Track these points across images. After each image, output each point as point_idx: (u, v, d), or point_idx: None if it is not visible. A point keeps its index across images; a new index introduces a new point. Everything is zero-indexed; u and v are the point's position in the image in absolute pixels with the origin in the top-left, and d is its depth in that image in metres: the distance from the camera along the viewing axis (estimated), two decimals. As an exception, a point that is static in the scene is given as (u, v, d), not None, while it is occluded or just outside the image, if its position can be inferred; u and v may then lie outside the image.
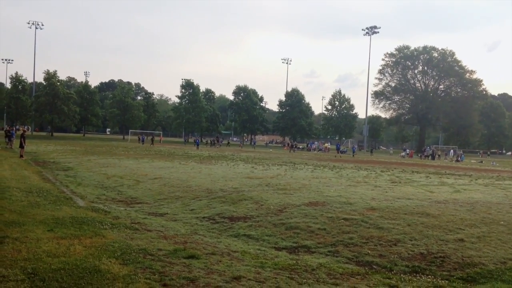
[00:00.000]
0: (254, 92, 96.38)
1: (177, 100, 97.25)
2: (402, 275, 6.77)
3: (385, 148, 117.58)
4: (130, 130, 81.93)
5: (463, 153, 62.03)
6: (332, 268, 6.80)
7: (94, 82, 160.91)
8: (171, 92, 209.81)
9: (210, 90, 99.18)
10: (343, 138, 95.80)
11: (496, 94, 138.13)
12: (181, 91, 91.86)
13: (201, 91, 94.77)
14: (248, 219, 10.03)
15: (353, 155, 53.86)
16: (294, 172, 19.50)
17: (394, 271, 6.98)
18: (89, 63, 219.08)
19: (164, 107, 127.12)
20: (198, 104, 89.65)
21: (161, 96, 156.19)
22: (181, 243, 7.71)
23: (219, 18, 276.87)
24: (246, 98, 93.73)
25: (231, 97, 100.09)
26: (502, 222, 9.38)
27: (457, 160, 52.91)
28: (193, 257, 6.70)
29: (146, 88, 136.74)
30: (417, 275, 6.83)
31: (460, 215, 9.90)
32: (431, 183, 16.19)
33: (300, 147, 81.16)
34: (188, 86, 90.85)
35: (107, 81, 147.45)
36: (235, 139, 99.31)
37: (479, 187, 15.16)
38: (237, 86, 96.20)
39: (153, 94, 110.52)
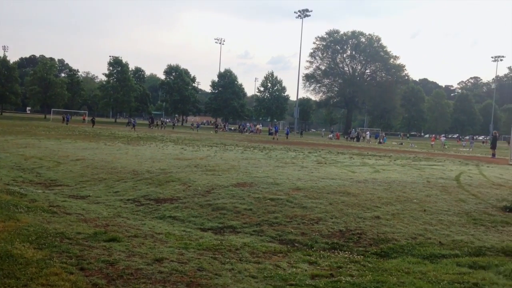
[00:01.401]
0: (186, 72, 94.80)
1: (104, 78, 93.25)
2: (321, 251, 7.07)
3: (314, 130, 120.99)
4: (52, 109, 77.55)
5: (385, 135, 65.29)
6: (255, 247, 6.95)
7: (14, 58, 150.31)
8: (98, 69, 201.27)
9: (140, 68, 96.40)
10: (275, 120, 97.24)
11: (417, 79, 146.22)
12: (108, 69, 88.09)
13: (130, 69, 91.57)
14: (174, 201, 9.96)
15: (287, 137, 54.84)
16: (224, 153, 19.55)
17: (315, 248, 7.28)
18: (8, 37, 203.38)
19: (91, 85, 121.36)
20: (127, 83, 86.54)
21: (87, 73, 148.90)
22: (102, 226, 7.52)
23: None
24: (178, 78, 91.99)
25: (163, 77, 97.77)
26: (415, 200, 10.03)
27: (379, 142, 55.65)
28: (114, 240, 6.56)
29: (70, 64, 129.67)
30: (336, 251, 7.17)
31: (378, 193, 10.46)
32: (354, 163, 16.93)
33: (232, 128, 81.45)
34: (117, 64, 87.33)
35: (28, 56, 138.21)
36: (168, 120, 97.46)
37: (396, 167, 16.08)
38: (168, 65, 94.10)
39: (78, 71, 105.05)
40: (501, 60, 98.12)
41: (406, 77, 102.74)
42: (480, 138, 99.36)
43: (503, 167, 18.77)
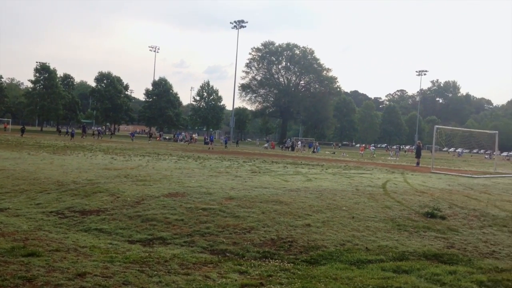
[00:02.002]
0: (118, 80, 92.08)
1: (30, 85, 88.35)
2: (252, 261, 7.03)
3: (250, 140, 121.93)
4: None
5: (319, 144, 67.10)
6: (185, 259, 6.79)
7: None
8: (24, 76, 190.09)
9: (69, 75, 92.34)
10: (211, 129, 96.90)
11: (348, 91, 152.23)
12: (35, 75, 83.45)
13: (58, 76, 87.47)
14: (101, 212, 9.53)
15: (225, 146, 54.78)
16: (156, 163, 19.09)
17: (246, 257, 7.23)
18: None
19: (16, 92, 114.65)
20: (54, 90, 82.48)
21: (12, 79, 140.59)
22: (21, 240, 7.03)
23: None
24: (110, 85, 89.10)
25: (93, 84, 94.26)
26: (344, 208, 10.32)
27: (313, 151, 57.08)
28: (33, 255, 6.15)
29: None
30: (267, 260, 7.15)
31: (309, 202, 10.64)
32: (287, 172, 17.16)
33: (167, 137, 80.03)
34: (44, 70, 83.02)
35: None
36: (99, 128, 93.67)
37: (328, 176, 16.51)
38: (99, 72, 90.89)
39: (1, 77, 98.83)
40: (424, 74, 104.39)
41: (338, 89, 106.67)
42: (407, 147, 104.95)
43: (426, 175, 19.84)
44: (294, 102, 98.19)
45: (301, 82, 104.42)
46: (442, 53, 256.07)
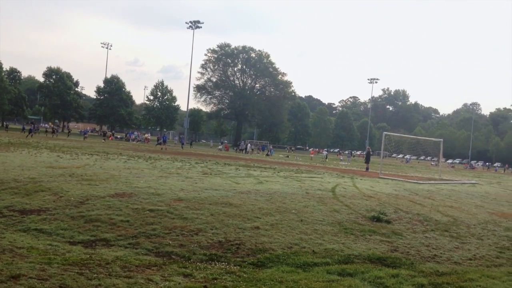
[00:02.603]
0: (68, 76, 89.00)
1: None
2: (198, 263, 6.92)
3: (204, 141, 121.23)
4: None
5: (273, 148, 67.63)
6: (128, 261, 6.58)
7: None
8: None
9: (15, 69, 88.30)
10: (165, 130, 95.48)
11: (303, 96, 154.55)
12: (-23, 68, 79.47)
13: (4, 69, 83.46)
14: (42, 212, 9.11)
15: (182, 147, 54.12)
16: (105, 162, 18.53)
17: (192, 260, 7.10)
18: None
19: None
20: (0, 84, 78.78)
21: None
22: (-51, 241, 6.58)
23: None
24: (59, 81, 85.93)
25: (42, 79, 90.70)
26: (294, 211, 10.39)
27: (267, 154, 57.44)
28: (-38, 257, 5.76)
29: None
30: (213, 262, 7.06)
31: (259, 204, 10.64)
32: (239, 175, 17.12)
33: (119, 136, 78.10)
34: (-13, 63, 79.15)
35: None
36: (45, 125, 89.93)
37: (279, 179, 16.61)
38: (48, 67, 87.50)
39: None
40: (376, 82, 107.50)
41: (293, 93, 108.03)
42: (358, 152, 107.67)
43: (374, 180, 20.39)
44: (249, 105, 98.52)
45: (257, 85, 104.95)
46: (393, 62, 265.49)
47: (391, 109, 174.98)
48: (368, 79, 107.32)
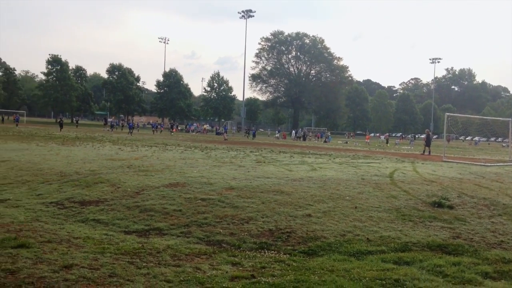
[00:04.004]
0: (130, 71, 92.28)
1: (43, 77, 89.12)
2: (248, 252, 6.87)
3: (262, 130, 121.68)
4: (-13, 109, 73.24)
5: (330, 134, 66.57)
6: (179, 250, 6.65)
7: None
8: (38, 68, 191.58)
9: (80, 67, 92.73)
10: (223, 120, 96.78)
11: (361, 80, 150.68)
12: (47, 68, 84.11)
13: (70, 68, 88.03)
14: (100, 203, 9.44)
15: (253, 138, 53.38)
16: (162, 153, 18.99)
17: (242, 248, 7.07)
18: None
19: (31, 85, 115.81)
20: (67, 82, 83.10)
21: (27, 72, 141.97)
22: (14, 232, 6.96)
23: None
24: (121, 77, 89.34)
25: (106, 76, 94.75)
26: (348, 197, 10.08)
27: (325, 141, 56.66)
28: (23, 246, 6.06)
29: (8, 63, 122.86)
30: (263, 251, 6.99)
31: (312, 191, 10.41)
32: (292, 162, 16.92)
33: (179, 128, 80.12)
34: (56, 62, 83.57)
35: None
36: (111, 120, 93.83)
37: (334, 165, 16.23)
38: (111, 64, 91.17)
39: (14, 69, 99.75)
40: (438, 62, 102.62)
41: (350, 78, 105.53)
42: (422, 136, 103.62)
43: (437, 164, 19.45)
44: (305, 92, 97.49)
45: (312, 71, 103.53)
46: (456, 39, 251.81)
47: (456, 89, 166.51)
48: (430, 59, 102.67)
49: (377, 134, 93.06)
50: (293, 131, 67.02)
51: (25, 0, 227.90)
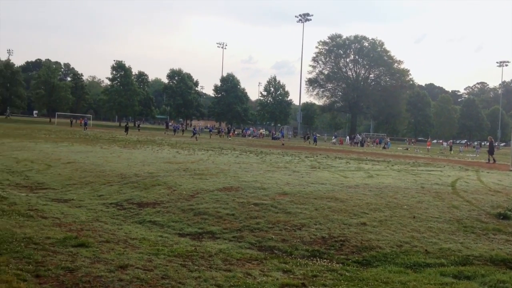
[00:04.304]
0: (189, 76, 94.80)
1: (108, 82, 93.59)
2: (299, 259, 6.78)
3: (319, 135, 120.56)
4: (57, 113, 77.75)
5: (390, 140, 64.76)
6: (230, 254, 6.68)
7: (19, 62, 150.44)
8: (104, 74, 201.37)
9: (143, 73, 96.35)
10: (279, 124, 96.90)
11: (423, 84, 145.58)
12: (112, 73, 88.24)
13: (133, 73, 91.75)
14: (157, 205, 9.71)
15: (315, 144, 51.26)
16: (218, 157, 19.27)
17: (294, 255, 6.99)
18: (13, 41, 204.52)
19: (97, 90, 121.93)
20: (130, 87, 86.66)
21: (93, 78, 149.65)
22: (75, 231, 7.28)
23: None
24: (181, 82, 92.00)
25: (166, 81, 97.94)
26: (405, 206, 9.71)
27: (383, 147, 55.20)
28: (82, 246, 6.32)
29: (76, 69, 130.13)
30: (315, 259, 6.87)
31: (367, 199, 10.13)
32: (348, 168, 16.57)
33: (236, 132, 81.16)
34: (120, 68, 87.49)
35: (33, 60, 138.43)
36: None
37: (392, 172, 15.71)
38: (171, 69, 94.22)
39: (82, 75, 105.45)
40: (506, 65, 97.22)
41: (411, 82, 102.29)
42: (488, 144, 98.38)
43: (504, 173, 18.37)
44: (364, 97, 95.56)
45: (371, 75, 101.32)
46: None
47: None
48: (497, 62, 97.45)
49: (440, 141, 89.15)
50: (347, 137, 65.67)
51: (92, 10, 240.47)
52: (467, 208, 9.91)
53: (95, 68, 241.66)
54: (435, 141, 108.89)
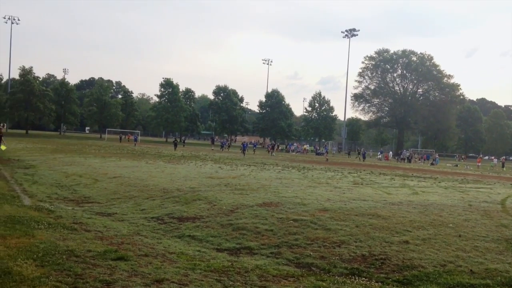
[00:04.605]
0: (234, 92, 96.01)
1: (157, 99, 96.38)
2: (337, 277, 6.64)
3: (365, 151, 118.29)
4: (107, 129, 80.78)
5: (438, 156, 62.72)
6: (267, 270, 6.64)
7: (74, 80, 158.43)
8: (153, 91, 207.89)
9: (189, 89, 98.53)
10: (323, 140, 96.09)
11: (474, 99, 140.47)
12: (160, 90, 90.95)
13: (180, 90, 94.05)
14: (197, 220, 9.82)
15: (363, 159, 50.96)
16: (259, 172, 19.31)
17: (332, 273, 6.85)
18: (69, 61, 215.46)
19: (145, 106, 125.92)
20: (177, 104, 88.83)
21: (143, 95, 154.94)
22: (116, 244, 7.46)
23: (201, 16, 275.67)
24: (226, 98, 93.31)
25: (212, 97, 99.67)
26: (451, 225, 9.33)
27: (431, 164, 53.50)
28: (121, 259, 6.45)
29: (127, 86, 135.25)
30: (354, 277, 6.71)
31: (411, 217, 9.83)
32: (392, 185, 16.15)
33: (280, 148, 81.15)
34: (168, 85, 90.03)
35: (87, 79, 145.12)
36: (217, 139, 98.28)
37: (438, 189, 15.17)
38: (217, 86, 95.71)
39: (132, 92, 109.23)
40: None
41: (462, 97, 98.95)
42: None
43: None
44: (411, 112, 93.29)
45: (419, 90, 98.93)
46: None
47: None
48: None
49: (491, 157, 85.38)
50: (390, 152, 63.92)
51: (140, 29, 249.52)
52: (518, 227, 9.39)
53: (145, 86, 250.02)
54: (486, 157, 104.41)
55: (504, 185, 19.09)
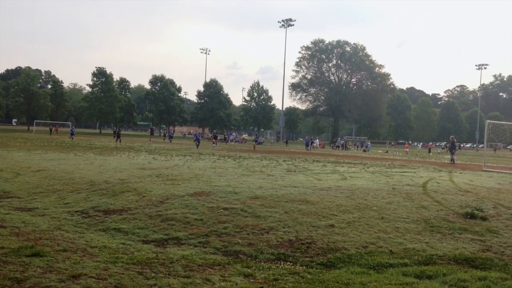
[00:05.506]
0: (171, 82, 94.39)
1: (89, 89, 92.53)
2: (263, 263, 6.68)
3: (301, 140, 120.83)
4: (35, 121, 76.55)
5: (370, 143, 65.27)
6: (192, 260, 6.54)
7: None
8: (85, 81, 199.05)
9: (124, 79, 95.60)
10: (261, 129, 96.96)
11: (404, 88, 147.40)
12: (92, 80, 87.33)
13: (115, 80, 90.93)
14: (124, 212, 9.51)
15: (306, 148, 50.90)
16: (194, 162, 19.09)
17: (258, 259, 6.89)
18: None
19: (78, 97, 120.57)
20: (111, 94, 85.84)
21: (75, 85, 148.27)
22: (33, 240, 7.05)
23: (137, 5, 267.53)
24: (163, 88, 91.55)
25: (149, 87, 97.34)
26: (375, 208, 9.70)
27: (364, 150, 55.59)
28: (37, 255, 6.10)
29: (57, 76, 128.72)
30: (280, 262, 6.78)
31: (338, 201, 10.11)
32: (324, 171, 16.57)
33: (219, 138, 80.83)
34: (101, 75, 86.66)
35: (14, 68, 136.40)
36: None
37: (366, 174, 15.76)
38: (153, 75, 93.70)
39: (62, 82, 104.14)
40: (485, 68, 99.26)
41: (392, 86, 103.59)
42: (468, 145, 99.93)
43: (476, 174, 18.57)
44: (346, 101, 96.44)
45: (353, 79, 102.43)
46: (505, 45, 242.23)
47: (504, 96, 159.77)
48: (476, 65, 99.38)
49: (415, 143, 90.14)
50: (316, 140, 65.08)
51: (72, 16, 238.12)
52: (436, 208, 9.95)
53: (77, 76, 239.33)
54: (416, 143, 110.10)
55: (427, 169, 20.19)
